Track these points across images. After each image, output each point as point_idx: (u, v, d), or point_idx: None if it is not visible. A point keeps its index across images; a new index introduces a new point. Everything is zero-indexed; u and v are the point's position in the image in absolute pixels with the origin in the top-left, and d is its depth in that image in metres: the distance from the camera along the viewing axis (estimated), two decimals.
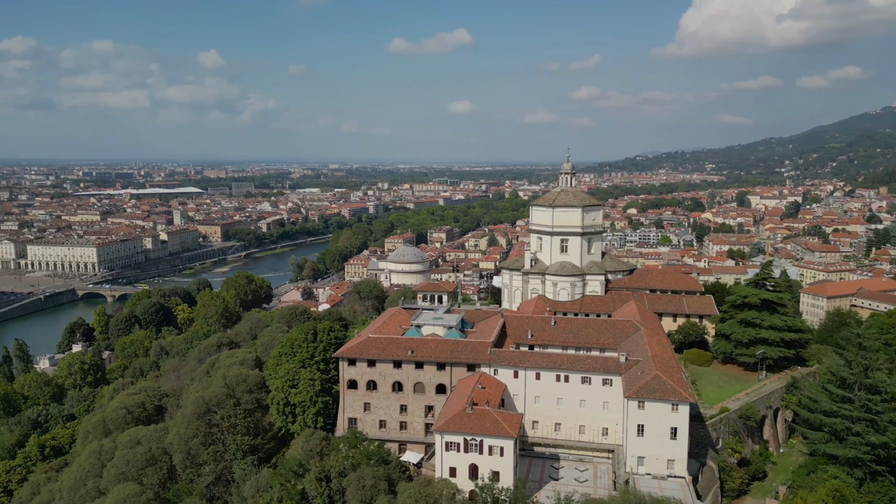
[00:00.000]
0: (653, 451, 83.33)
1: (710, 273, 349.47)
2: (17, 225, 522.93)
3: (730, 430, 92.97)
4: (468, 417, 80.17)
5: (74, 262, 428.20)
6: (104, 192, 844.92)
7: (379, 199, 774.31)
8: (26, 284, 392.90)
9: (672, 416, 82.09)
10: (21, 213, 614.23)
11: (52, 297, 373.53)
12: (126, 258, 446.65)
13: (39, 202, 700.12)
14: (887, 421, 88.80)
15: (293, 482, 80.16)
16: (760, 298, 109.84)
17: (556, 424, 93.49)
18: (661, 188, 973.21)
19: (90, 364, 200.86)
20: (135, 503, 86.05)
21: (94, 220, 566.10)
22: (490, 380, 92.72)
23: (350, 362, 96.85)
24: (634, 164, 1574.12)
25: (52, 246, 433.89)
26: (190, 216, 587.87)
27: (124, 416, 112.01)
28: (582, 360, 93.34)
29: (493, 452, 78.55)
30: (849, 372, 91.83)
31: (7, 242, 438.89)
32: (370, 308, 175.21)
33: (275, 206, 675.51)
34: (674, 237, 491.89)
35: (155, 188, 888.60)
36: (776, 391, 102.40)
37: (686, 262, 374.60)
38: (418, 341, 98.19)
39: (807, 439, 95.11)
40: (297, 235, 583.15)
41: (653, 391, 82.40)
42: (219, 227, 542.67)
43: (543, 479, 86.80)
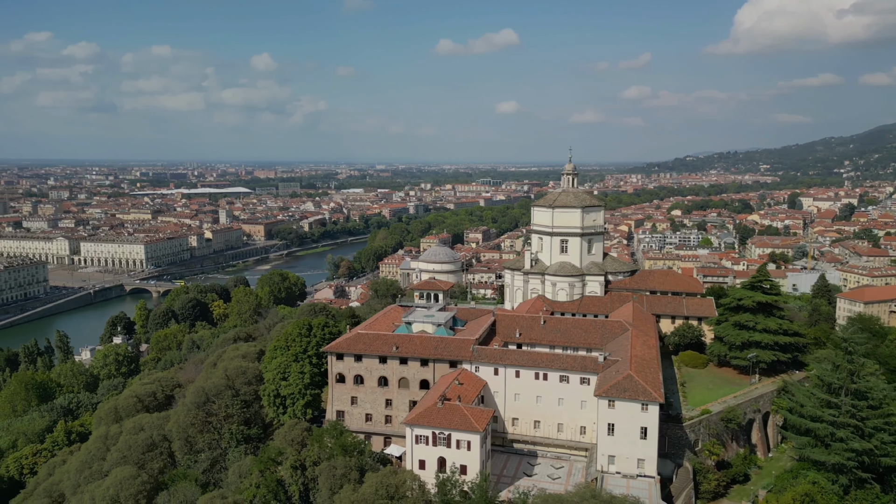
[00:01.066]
0: (623, 450, 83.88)
1: (746, 276, 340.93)
2: (73, 223, 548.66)
3: (710, 432, 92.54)
4: (438, 412, 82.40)
5: (124, 259, 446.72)
6: (158, 191, 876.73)
7: (420, 200, 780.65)
8: (78, 279, 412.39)
9: (642, 416, 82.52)
10: (79, 211, 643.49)
11: (101, 292, 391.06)
12: (172, 255, 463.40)
13: (97, 201, 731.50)
14: (872, 427, 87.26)
15: (272, 469, 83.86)
16: (755, 301, 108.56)
17: (536, 422, 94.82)
18: (709, 189, 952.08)
19: (124, 355, 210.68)
20: (130, 485, 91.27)
21: (145, 218, 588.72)
22: (470, 376, 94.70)
23: (338, 357, 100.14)
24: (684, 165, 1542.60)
25: (103, 243, 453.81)
26: (235, 215, 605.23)
27: (135, 404, 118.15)
28: (560, 358, 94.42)
29: (461, 446, 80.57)
30: (835, 377, 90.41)
31: (62, 239, 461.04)
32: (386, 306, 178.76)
33: (318, 205, 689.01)
34: (715, 239, 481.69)
35: (206, 188, 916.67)
36: (765, 395, 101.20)
37: (724, 264, 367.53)
38: (403, 338, 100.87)
39: (794, 444, 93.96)
40: (337, 235, 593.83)
41: (623, 391, 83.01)
42: (262, 226, 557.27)
43: (518, 475, 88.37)
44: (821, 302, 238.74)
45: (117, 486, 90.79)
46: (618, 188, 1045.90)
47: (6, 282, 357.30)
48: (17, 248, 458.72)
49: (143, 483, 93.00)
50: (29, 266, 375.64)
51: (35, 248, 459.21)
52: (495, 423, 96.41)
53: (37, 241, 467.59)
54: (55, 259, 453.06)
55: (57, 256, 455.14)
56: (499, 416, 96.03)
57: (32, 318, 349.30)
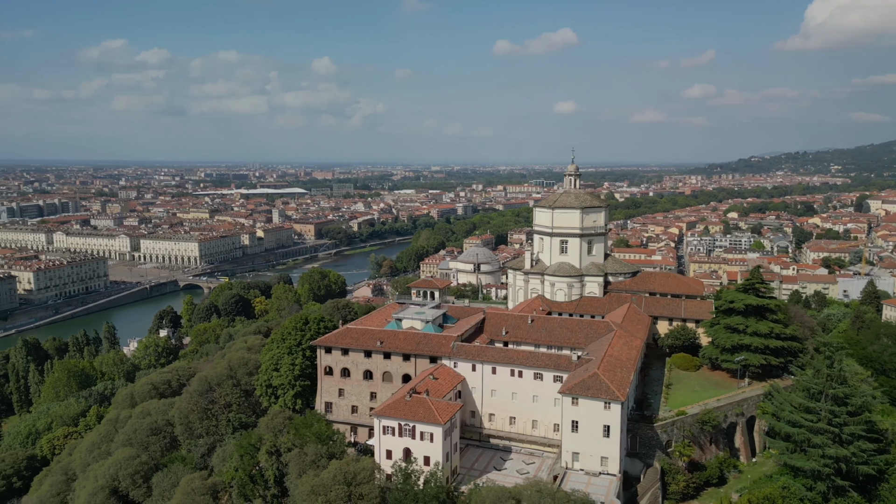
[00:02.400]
0: (587, 447, 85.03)
1: (794, 281, 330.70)
2: (137, 221, 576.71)
3: (684, 433, 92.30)
4: (405, 404, 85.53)
5: (180, 256, 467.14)
6: (219, 191, 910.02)
7: (469, 201, 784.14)
8: (136, 275, 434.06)
9: (605, 414, 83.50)
10: (144, 210, 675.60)
11: (156, 287, 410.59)
12: (225, 253, 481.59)
13: (161, 201, 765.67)
14: (849, 434, 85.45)
15: (251, 454, 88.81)
16: (745, 304, 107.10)
17: (511, 418, 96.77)
18: (772, 191, 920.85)
19: (164, 347, 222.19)
20: (129, 465, 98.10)
21: (203, 217, 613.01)
22: (448, 372, 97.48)
23: (326, 350, 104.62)
24: (749, 166, 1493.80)
25: (161, 240, 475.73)
26: (288, 215, 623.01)
27: (149, 391, 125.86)
28: (535, 356, 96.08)
29: (425, 438, 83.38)
30: (814, 382, 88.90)
31: (124, 237, 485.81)
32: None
33: (368, 206, 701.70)
34: (768, 243, 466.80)
35: (264, 188, 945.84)
36: (750, 399, 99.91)
37: (772, 269, 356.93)
38: (388, 333, 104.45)
39: (774, 449, 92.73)
40: (385, 235, 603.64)
41: (586, 388, 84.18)
42: (312, 225, 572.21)
43: (488, 469, 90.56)
44: (867, 309, 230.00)
45: (117, 466, 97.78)
46: (675, 189, 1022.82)
47: (69, 276, 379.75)
48: (83, 244, 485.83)
49: (142, 463, 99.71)
50: (90, 262, 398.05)
51: (99, 245, 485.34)
52: (473, 419, 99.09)
53: (101, 238, 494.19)
54: (117, 255, 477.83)
55: (119, 253, 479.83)
56: (476, 412, 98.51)
57: (92, 310, 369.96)
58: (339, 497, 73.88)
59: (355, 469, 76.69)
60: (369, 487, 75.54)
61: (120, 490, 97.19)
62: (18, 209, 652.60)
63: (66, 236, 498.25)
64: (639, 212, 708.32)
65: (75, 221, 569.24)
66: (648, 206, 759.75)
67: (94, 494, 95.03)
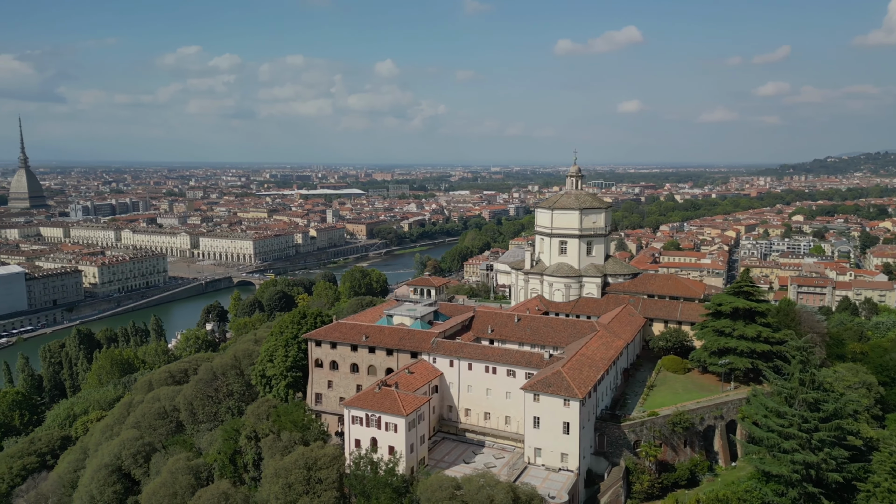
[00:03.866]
0: (548, 443, 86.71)
1: (848, 287, 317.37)
2: (199, 220, 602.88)
3: (654, 434, 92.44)
4: (374, 395, 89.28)
5: (235, 253, 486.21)
6: (280, 192, 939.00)
7: (522, 202, 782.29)
8: (194, 271, 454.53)
9: (565, 411, 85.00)
10: (208, 209, 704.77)
11: (211, 283, 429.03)
12: (278, 251, 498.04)
13: (224, 200, 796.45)
14: (818, 440, 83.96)
15: (234, 439, 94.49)
16: (733, 307, 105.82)
17: (486, 413, 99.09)
18: (846, 193, 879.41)
19: (203, 339, 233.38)
20: (132, 446, 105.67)
21: (262, 216, 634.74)
22: (426, 367, 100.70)
23: (317, 343, 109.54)
24: (824, 167, 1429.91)
25: (218, 238, 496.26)
26: (342, 215, 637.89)
27: (166, 378, 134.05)
28: (509, 353, 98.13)
29: (389, 428, 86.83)
30: (787, 387, 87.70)
31: (184, 234, 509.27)
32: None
33: (420, 206, 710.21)
34: (828, 247, 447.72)
35: (324, 189, 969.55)
36: (730, 403, 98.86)
37: (827, 274, 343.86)
38: (374, 328, 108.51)
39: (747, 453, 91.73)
40: (435, 235, 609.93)
41: (547, 385, 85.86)
42: (364, 225, 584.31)
43: (457, 461, 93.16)
44: None
45: (121, 446, 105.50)
46: (740, 191, 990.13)
47: (131, 271, 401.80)
48: (148, 241, 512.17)
49: (144, 444, 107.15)
50: (151, 258, 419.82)
51: (162, 242, 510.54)
52: (450, 413, 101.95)
53: (164, 236, 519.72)
54: (178, 252, 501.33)
55: (179, 250, 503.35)
56: (453, 406, 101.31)
57: (151, 304, 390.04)
58: (299, 480, 78.35)
59: (317, 455, 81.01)
60: (328, 472, 79.71)
61: (122, 468, 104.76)
62: (93, 208, 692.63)
63: (132, 233, 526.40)
64: (697, 214, 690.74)
65: (142, 220, 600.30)
66: (708, 209, 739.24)
67: (97, 471, 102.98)
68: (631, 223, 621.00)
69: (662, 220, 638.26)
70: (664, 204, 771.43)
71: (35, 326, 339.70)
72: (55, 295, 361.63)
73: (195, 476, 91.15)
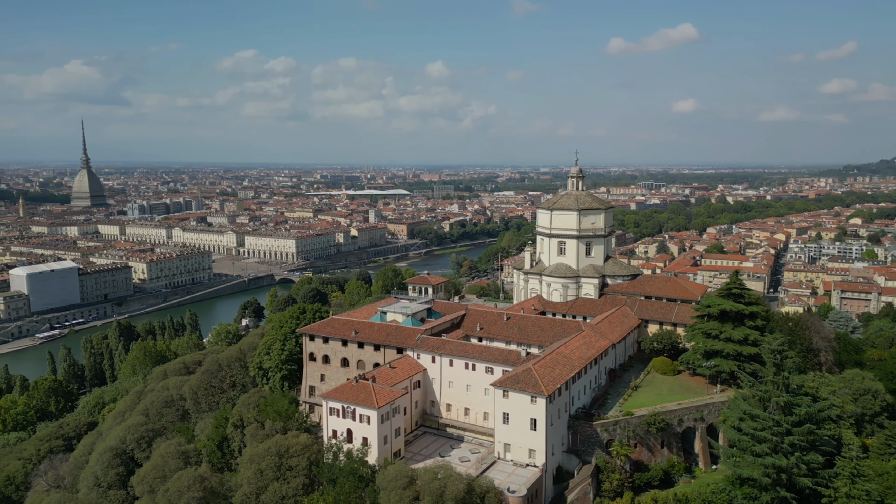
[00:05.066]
0: (516, 439, 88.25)
1: (893, 294, 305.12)
2: (247, 219, 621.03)
3: (628, 434, 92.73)
4: (350, 388, 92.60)
5: (279, 252, 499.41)
6: (328, 192, 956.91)
7: None
8: (238, 269, 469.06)
9: (532, 408, 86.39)
10: (257, 209, 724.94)
11: (254, 280, 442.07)
12: (320, 250, 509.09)
13: (274, 200, 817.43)
14: (789, 444, 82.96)
15: (223, 426, 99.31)
16: (720, 309, 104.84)
17: (466, 409, 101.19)
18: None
19: (234, 334, 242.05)
20: (136, 430, 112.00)
21: (307, 216, 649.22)
22: (409, 362, 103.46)
23: (310, 338, 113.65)
24: (891, 168, 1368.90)
25: (262, 237, 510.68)
26: (384, 215, 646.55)
27: (179, 369, 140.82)
28: (488, 351, 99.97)
29: (363, 420, 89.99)
30: (762, 390, 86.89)
31: (231, 233, 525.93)
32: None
33: (463, 207, 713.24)
34: (882, 252, 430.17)
35: (370, 189, 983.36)
36: (713, 405, 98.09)
37: (875, 280, 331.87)
38: (363, 324, 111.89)
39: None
40: (476, 235, 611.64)
41: (516, 382, 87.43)
42: (405, 225, 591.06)
43: (433, 455, 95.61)
44: None
45: (126, 430, 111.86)
46: (797, 193, 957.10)
47: (178, 268, 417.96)
48: (196, 239, 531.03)
49: (148, 430, 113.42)
50: (196, 255, 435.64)
51: (210, 240, 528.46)
52: (433, 408, 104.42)
53: (212, 234, 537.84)
54: (224, 250, 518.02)
55: (226, 248, 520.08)
56: (436, 402, 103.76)
57: (196, 299, 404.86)
58: (270, 466, 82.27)
59: (289, 444, 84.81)
60: (298, 460, 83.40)
61: (126, 452, 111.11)
62: (148, 207, 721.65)
63: (182, 231, 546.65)
64: (748, 216, 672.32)
65: (193, 218, 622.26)
66: (760, 211, 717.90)
67: (102, 454, 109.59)
68: (676, 225, 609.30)
69: (710, 223, 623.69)
70: (713, 206, 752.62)
71: (87, 319, 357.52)
72: (106, 289, 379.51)
73: (185, 460, 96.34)
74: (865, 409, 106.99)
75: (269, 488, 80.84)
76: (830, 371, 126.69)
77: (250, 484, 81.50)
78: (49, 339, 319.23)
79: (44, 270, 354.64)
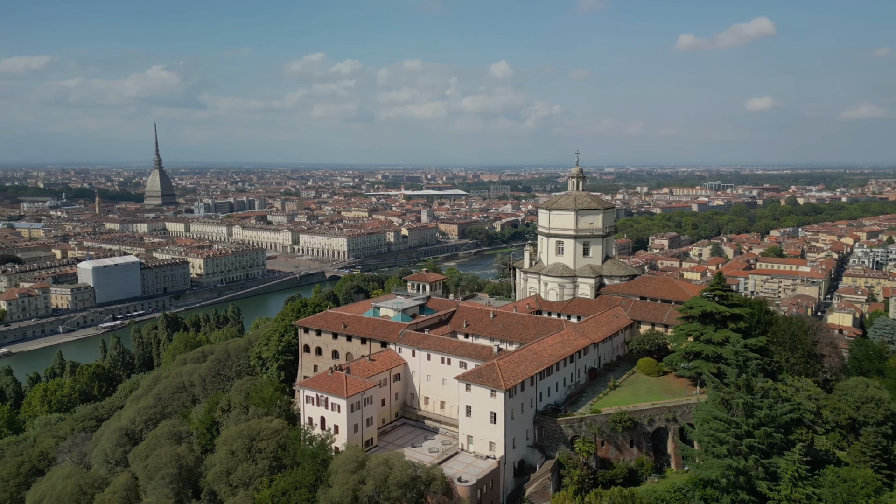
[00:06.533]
0: (478, 431, 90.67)
1: None
2: (305, 217, 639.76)
3: (595, 431, 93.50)
4: (325, 378, 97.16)
5: (331, 250, 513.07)
6: (387, 192, 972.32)
7: (625, 203, 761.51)
8: (291, 266, 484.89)
9: (492, 402, 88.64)
10: (316, 208, 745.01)
11: (305, 277, 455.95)
12: (370, 248, 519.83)
13: (333, 200, 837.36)
14: (747, 446, 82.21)
15: (214, 410, 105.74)
16: (702, 310, 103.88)
17: (442, 402, 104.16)
18: None
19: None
20: (145, 413, 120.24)
21: (362, 215, 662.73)
22: (391, 356, 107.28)
23: (305, 330, 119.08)
24: None
25: (316, 235, 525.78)
26: (436, 215, 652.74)
27: (198, 358, 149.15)
28: (463, 346, 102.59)
29: (335, 408, 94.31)
30: (725, 391, 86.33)
31: (286, 231, 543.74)
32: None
33: (516, 207, 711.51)
34: None
35: (428, 190, 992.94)
36: (685, 406, 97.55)
37: None
38: (353, 318, 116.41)
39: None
40: (527, 236, 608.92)
41: (478, 376, 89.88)
42: (456, 225, 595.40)
43: (406, 445, 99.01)
44: None
45: (136, 412, 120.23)
46: (876, 195, 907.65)
47: (233, 264, 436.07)
48: (255, 237, 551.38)
49: (156, 412, 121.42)
50: (251, 252, 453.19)
51: (267, 238, 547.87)
52: (412, 401, 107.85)
53: (269, 232, 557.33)
54: (280, 247, 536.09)
55: (282, 245, 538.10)
56: (415, 394, 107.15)
57: (249, 294, 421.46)
58: (241, 448, 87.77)
59: (260, 428, 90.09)
60: (267, 443, 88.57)
61: (135, 432, 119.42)
62: (213, 205, 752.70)
63: (242, 229, 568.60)
64: (818, 219, 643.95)
65: (253, 217, 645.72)
66: (831, 214, 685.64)
67: (113, 433, 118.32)
68: (736, 227, 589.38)
69: (774, 225, 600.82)
70: (781, 208, 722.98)
71: (146, 311, 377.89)
72: (165, 283, 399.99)
73: (177, 440, 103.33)
74: (867, 418, 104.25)
75: (238, 468, 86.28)
76: (835, 377, 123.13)
77: (222, 463, 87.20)
78: (111, 329, 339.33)
79: (108, 264, 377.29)
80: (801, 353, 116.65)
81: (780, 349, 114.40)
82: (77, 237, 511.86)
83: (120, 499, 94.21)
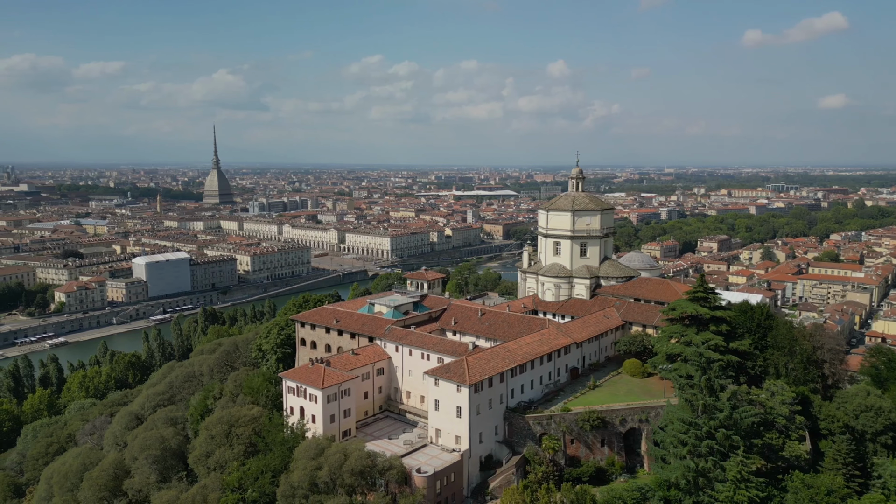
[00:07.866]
0: (445, 425, 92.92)
1: None
2: (354, 217, 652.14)
3: (563, 429, 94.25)
4: (305, 370, 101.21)
5: (375, 249, 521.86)
6: (437, 193, 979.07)
7: (679, 205, 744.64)
8: (336, 264, 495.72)
9: (457, 396, 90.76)
10: (366, 208, 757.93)
11: (348, 275, 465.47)
12: (413, 248, 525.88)
13: (384, 200, 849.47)
14: (707, 448, 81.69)
15: (207, 398, 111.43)
16: (682, 312, 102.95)
17: (422, 396, 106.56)
18: None
19: None
20: (154, 398, 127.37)
21: (409, 215, 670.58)
22: (375, 350, 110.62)
23: (301, 324, 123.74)
24: None
25: (361, 235, 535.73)
26: (481, 216, 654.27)
27: (214, 348, 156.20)
28: (442, 343, 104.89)
29: (312, 399, 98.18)
30: (689, 393, 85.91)
31: (333, 230, 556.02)
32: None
33: None
34: None
35: (479, 191, 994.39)
36: (659, 407, 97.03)
37: None
38: (345, 314, 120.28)
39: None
40: None
41: (445, 372, 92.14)
42: (501, 226, 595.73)
43: (383, 437, 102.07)
44: None
45: (146, 398, 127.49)
46: None
47: (279, 261, 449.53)
48: (303, 235, 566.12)
49: (164, 398, 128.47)
50: (296, 250, 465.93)
51: (315, 237, 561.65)
52: (396, 394, 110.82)
53: (317, 231, 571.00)
54: (327, 246, 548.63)
55: (329, 244, 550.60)
56: (398, 389, 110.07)
57: (293, 290, 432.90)
58: (220, 433, 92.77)
59: (239, 415, 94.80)
60: (244, 430, 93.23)
61: (143, 416, 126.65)
62: (267, 204, 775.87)
63: (291, 228, 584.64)
64: (884, 222, 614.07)
65: (304, 216, 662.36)
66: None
67: (123, 416, 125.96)
68: (793, 230, 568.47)
69: (836, 228, 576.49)
70: (845, 210, 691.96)
71: (195, 305, 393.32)
72: (214, 279, 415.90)
73: (172, 424, 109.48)
74: (866, 427, 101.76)
75: (216, 452, 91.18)
76: (836, 385, 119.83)
77: (202, 447, 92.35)
78: (161, 322, 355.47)
79: (160, 260, 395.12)
80: (800, 358, 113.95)
81: (778, 354, 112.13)
82: (136, 234, 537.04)
83: (108, 476, 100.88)
